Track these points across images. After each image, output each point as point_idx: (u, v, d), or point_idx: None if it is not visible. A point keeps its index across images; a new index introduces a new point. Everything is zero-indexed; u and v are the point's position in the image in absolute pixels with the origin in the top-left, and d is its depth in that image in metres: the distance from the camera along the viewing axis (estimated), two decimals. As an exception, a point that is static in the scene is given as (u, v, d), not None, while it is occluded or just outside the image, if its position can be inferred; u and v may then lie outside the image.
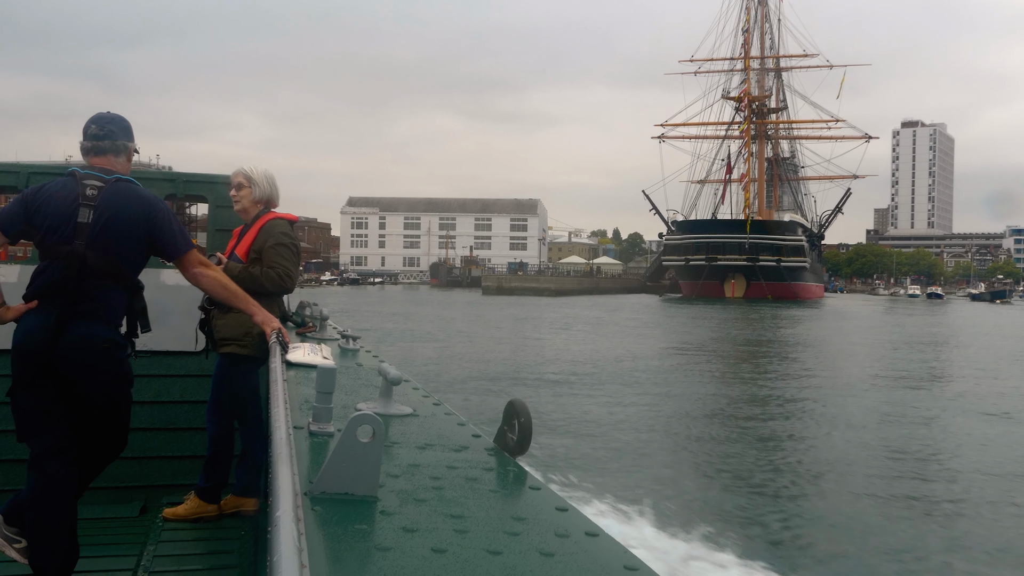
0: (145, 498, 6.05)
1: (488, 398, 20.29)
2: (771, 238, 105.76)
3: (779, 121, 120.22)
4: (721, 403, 22.49)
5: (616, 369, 28.68)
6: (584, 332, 46.37)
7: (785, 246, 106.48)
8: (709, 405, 21.88)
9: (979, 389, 26.61)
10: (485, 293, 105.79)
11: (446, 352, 33.37)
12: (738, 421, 19.56)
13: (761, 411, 21.22)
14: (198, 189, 7.03)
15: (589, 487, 12.17)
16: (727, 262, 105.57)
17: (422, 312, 63.08)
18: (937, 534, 11.75)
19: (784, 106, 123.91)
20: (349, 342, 6.13)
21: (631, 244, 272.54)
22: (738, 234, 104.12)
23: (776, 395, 24.18)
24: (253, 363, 5.12)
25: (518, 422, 2.92)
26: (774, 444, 17.07)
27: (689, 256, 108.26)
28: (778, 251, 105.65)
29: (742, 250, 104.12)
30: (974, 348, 43.34)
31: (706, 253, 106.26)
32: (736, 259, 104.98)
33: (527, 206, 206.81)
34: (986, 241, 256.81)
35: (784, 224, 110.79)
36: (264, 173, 5.44)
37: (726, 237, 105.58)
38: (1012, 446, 17.89)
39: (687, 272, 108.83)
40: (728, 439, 17.32)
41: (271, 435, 2.24)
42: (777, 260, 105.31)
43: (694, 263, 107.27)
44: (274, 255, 5.13)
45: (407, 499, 2.33)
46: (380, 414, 2.94)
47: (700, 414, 20.38)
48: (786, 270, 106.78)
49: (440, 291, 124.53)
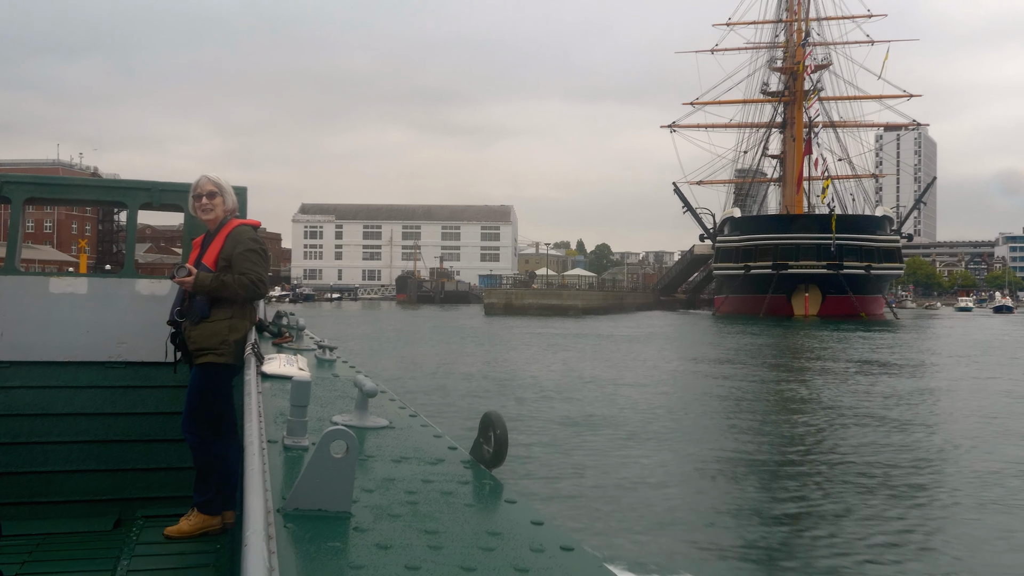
0: (120, 511, 5.83)
1: (468, 408, 18.52)
2: (861, 239, 77.92)
3: (839, 97, 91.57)
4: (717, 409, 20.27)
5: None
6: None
7: (876, 249, 78.99)
8: (697, 414, 19.73)
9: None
10: (488, 313, 77.04)
11: (427, 363, 30.46)
12: (737, 433, 17.13)
13: (758, 419, 18.89)
14: (174, 199, 6.77)
15: (566, 500, 11.52)
16: (801, 270, 77.73)
17: (417, 360, 34.22)
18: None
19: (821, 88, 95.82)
20: (326, 353, 5.31)
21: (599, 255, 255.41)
22: (822, 234, 76.03)
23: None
24: (229, 372, 4.85)
25: (494, 434, 2.74)
26: (775, 457, 14.91)
27: (751, 263, 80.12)
28: (868, 255, 77.96)
29: (823, 254, 76.13)
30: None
31: (773, 259, 78.28)
32: (814, 266, 77.04)
33: (499, 213, 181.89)
34: (975, 249, 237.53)
35: (874, 220, 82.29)
36: (228, 183, 5.21)
37: (805, 238, 77.59)
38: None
39: (747, 284, 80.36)
40: (716, 452, 15.14)
41: (244, 450, 2.21)
42: (866, 267, 77.60)
43: (757, 272, 79.20)
44: (244, 261, 4.87)
45: (381, 515, 2.22)
46: (355, 427, 3.02)
47: (688, 424, 18.33)
48: (874, 280, 79.28)
49: (410, 310, 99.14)
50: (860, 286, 77.29)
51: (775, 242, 78.34)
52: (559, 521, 8.19)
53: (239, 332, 4.81)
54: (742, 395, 23.31)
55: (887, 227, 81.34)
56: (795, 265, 77.05)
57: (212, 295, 4.75)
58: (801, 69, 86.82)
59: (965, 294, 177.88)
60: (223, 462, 4.89)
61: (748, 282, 79.50)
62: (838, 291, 76.15)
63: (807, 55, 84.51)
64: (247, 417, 2.58)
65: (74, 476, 6.11)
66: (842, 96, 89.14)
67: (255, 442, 2.19)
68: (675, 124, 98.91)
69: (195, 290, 4.78)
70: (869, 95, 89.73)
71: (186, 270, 4.80)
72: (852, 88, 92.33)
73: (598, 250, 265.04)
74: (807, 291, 77.41)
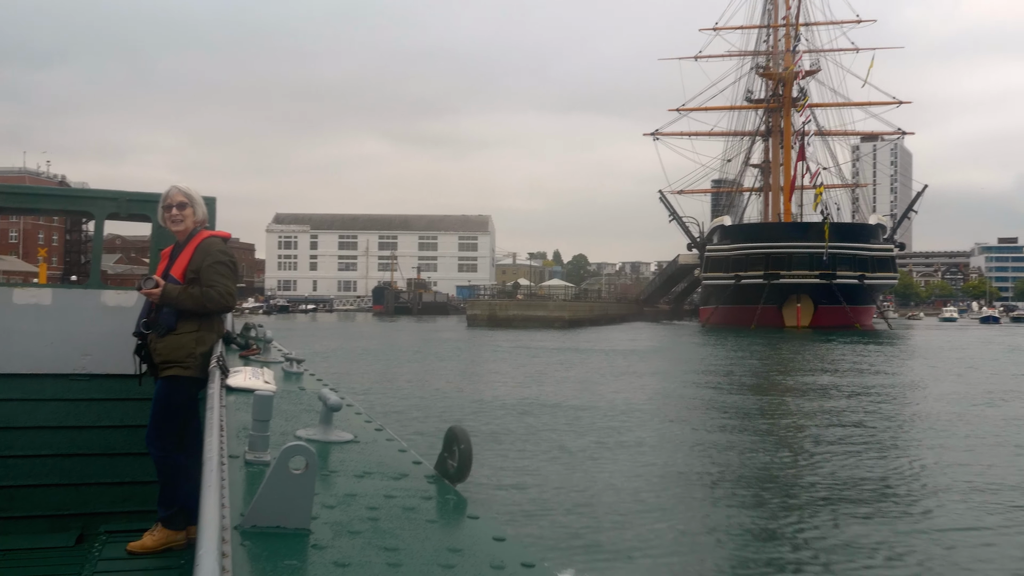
0: (82, 526, 5.81)
1: (439, 422, 17.61)
2: (855, 247, 74.91)
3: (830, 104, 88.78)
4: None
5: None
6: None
7: (870, 259, 76.09)
8: (672, 431, 18.72)
9: None
10: (471, 325, 73.72)
11: (400, 377, 29.56)
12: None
13: (739, 436, 17.83)
14: (141, 208, 6.77)
15: (532, 515, 11.17)
16: (794, 280, 74.86)
17: (390, 374, 31.78)
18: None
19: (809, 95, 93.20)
20: (293, 365, 5.02)
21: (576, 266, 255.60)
22: (815, 242, 72.96)
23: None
24: (195, 385, 4.76)
25: (458, 449, 2.67)
26: (748, 475, 14.19)
27: (741, 272, 77.09)
28: (862, 264, 75.20)
29: (816, 263, 73.26)
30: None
31: (764, 268, 75.26)
32: (806, 276, 74.16)
33: (477, 223, 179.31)
34: (951, 259, 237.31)
35: (868, 229, 79.13)
36: (198, 193, 5.13)
37: (798, 246, 74.52)
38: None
39: (738, 294, 77.05)
40: (688, 470, 14.50)
41: (202, 466, 2.20)
42: (860, 276, 74.84)
43: (748, 281, 76.08)
44: (213, 274, 4.82)
45: (341, 531, 2.16)
46: (319, 441, 2.98)
47: (662, 440, 17.49)
48: (868, 290, 76.52)
49: (387, 322, 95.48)
50: (853, 296, 74.66)
51: (766, 251, 75.40)
52: (523, 537, 8.13)
53: (206, 345, 4.71)
54: (724, 411, 21.83)
55: (880, 236, 78.76)
56: (787, 275, 74.24)
57: (179, 307, 4.70)
58: (791, 75, 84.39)
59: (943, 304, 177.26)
60: (188, 476, 4.52)
61: (738, 292, 76.53)
62: (831, 301, 73.47)
63: (797, 60, 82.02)
64: (207, 431, 2.55)
65: (36, 491, 6.07)
66: (833, 103, 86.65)
67: (214, 457, 2.17)
68: (658, 132, 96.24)
69: (162, 302, 4.71)
70: (859, 102, 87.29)
71: (153, 281, 4.77)
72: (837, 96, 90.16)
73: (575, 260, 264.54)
74: (799, 301, 74.66)
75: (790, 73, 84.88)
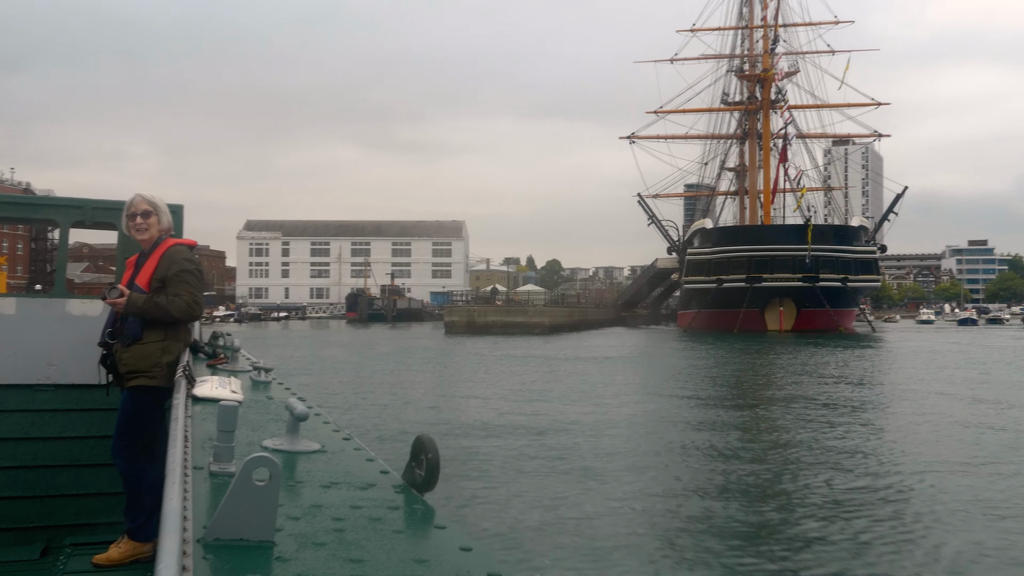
0: (47, 539, 5.65)
1: (410, 431, 16.40)
2: (838, 250, 73.46)
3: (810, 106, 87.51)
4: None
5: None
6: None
7: (853, 261, 74.64)
8: (647, 440, 17.98)
9: None
10: (449, 332, 71.66)
11: (371, 385, 28.65)
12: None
13: (717, 446, 16.96)
14: (107, 217, 6.65)
15: (499, 525, 10.93)
16: (776, 283, 73.39)
17: (361, 382, 30.23)
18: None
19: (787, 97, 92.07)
20: (261, 374, 5.13)
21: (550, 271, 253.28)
22: (797, 244, 71.44)
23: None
24: (162, 395, 4.60)
25: (425, 458, 2.68)
26: (719, 483, 13.72)
27: (723, 276, 75.43)
28: (845, 267, 73.83)
29: (798, 266, 71.89)
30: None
31: (746, 271, 73.81)
32: (789, 279, 72.76)
33: (450, 229, 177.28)
34: (922, 262, 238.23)
35: (851, 231, 77.71)
36: (161, 200, 5.01)
37: (780, 249, 72.95)
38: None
39: (720, 298, 75.38)
40: (661, 480, 14.09)
41: (165, 477, 2.17)
42: (843, 279, 73.41)
43: (730, 285, 74.46)
44: (179, 282, 4.70)
45: (306, 543, 2.13)
46: (286, 451, 2.96)
47: (635, 450, 16.77)
48: (851, 293, 75.23)
49: (361, 329, 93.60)
50: (836, 299, 73.47)
51: (748, 254, 74.02)
52: (490, 547, 7.98)
53: (172, 354, 4.59)
54: (701, 421, 21.01)
55: (862, 238, 77.59)
56: (769, 278, 72.88)
57: (145, 317, 4.58)
58: (770, 76, 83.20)
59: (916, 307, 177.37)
60: (155, 487, 4.28)
61: (720, 296, 75.11)
62: (813, 304, 72.21)
63: (776, 61, 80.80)
64: (171, 442, 2.49)
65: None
66: (812, 104, 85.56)
67: (176, 469, 2.14)
68: (635, 135, 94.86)
69: (127, 311, 4.58)
70: (839, 104, 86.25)
71: (118, 291, 4.66)
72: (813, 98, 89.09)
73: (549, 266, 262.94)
74: (781, 305, 73.30)
75: (769, 75, 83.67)
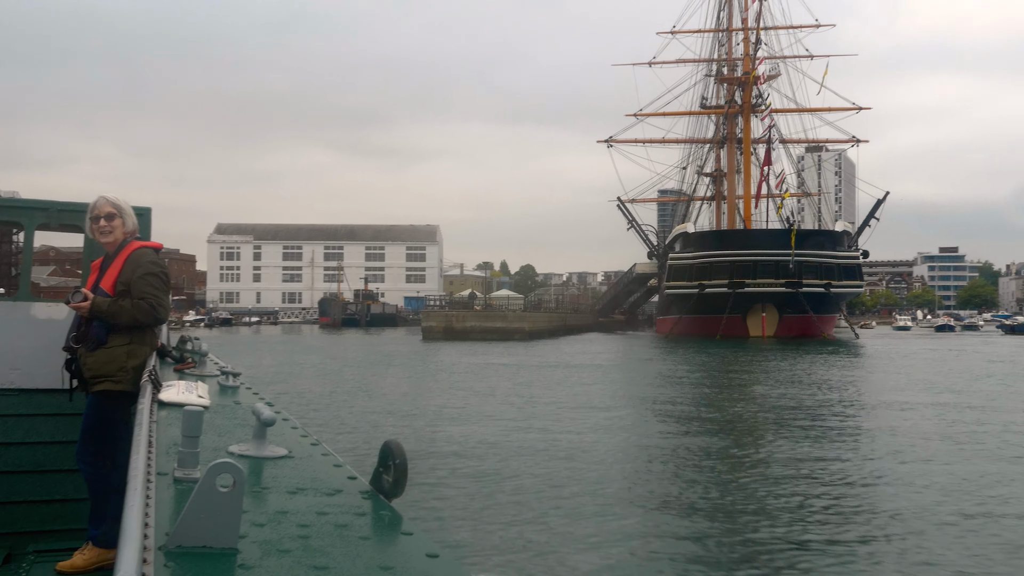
0: (10, 546, 5.61)
1: (380, 436, 15.22)
2: (821, 255, 72.20)
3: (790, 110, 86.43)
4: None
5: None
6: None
7: (837, 266, 73.32)
8: (619, 446, 17.50)
9: None
10: (426, 338, 69.58)
11: (342, 390, 28.02)
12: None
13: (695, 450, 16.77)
14: (73, 219, 6.45)
15: (468, 530, 10.81)
16: (759, 288, 71.92)
17: (331, 387, 28.68)
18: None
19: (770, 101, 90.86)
20: (229, 379, 4.95)
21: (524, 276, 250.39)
22: (781, 249, 70.07)
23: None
24: (127, 399, 4.48)
25: (393, 463, 2.64)
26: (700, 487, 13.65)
27: (705, 281, 73.99)
28: (828, 272, 72.51)
29: (782, 271, 70.60)
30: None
31: (729, 276, 72.48)
32: (772, 284, 71.33)
33: (425, 233, 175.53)
34: (894, 269, 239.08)
35: (834, 236, 76.37)
36: (127, 203, 4.95)
37: (763, 254, 71.48)
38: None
39: (702, 303, 73.74)
40: (631, 484, 13.92)
41: (127, 483, 2.16)
42: (826, 285, 72.04)
43: (713, 290, 72.96)
44: (144, 285, 4.66)
45: (270, 550, 2.10)
46: (252, 456, 2.93)
47: (607, 456, 16.24)
48: (833, 299, 74.05)
49: (334, 334, 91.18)
50: (819, 305, 72.32)
51: (731, 259, 72.64)
52: (457, 553, 8.50)
53: (138, 358, 4.56)
54: (678, 425, 20.48)
55: (846, 243, 76.50)
56: (752, 283, 71.54)
57: (109, 320, 4.53)
58: (752, 79, 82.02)
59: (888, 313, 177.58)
60: (119, 493, 3.97)
61: (702, 302, 73.68)
62: (796, 310, 71.01)
63: (758, 64, 79.62)
64: (134, 448, 2.47)
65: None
66: (794, 108, 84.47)
67: (139, 475, 2.13)
68: (612, 139, 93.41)
69: (92, 315, 4.54)
70: (820, 108, 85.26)
71: (82, 295, 4.62)
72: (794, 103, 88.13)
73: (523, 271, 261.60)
74: (764, 310, 72.00)
75: (751, 78, 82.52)
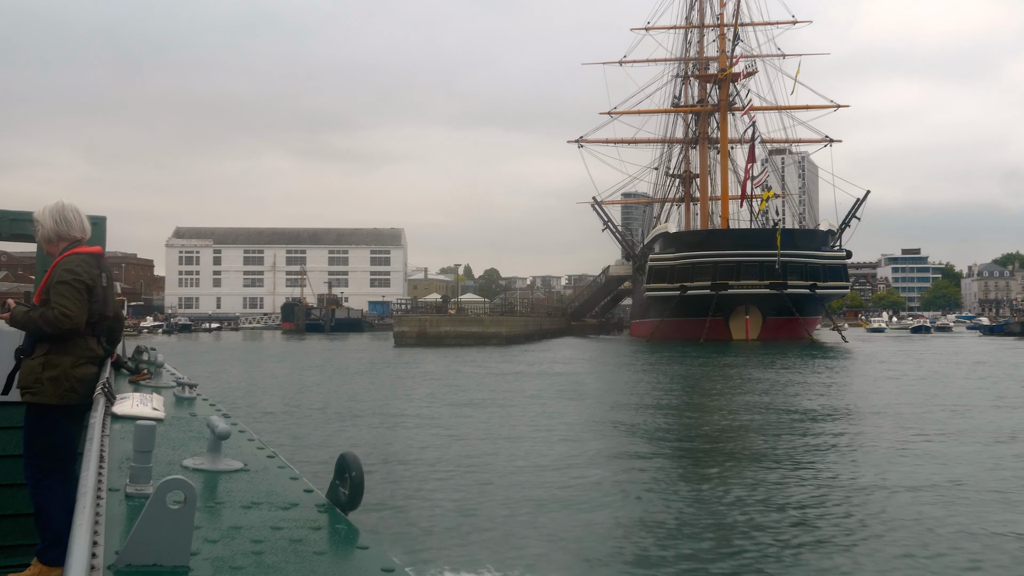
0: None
1: (339, 447, 15.11)
2: (806, 255, 69.57)
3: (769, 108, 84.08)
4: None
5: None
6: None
7: (822, 267, 70.66)
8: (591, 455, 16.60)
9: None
10: (399, 344, 65.83)
11: (298, 399, 27.16)
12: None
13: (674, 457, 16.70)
14: (24, 228, 6.25)
15: (426, 543, 10.48)
16: (743, 290, 69.19)
17: (293, 397, 25.65)
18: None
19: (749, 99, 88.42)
20: (185, 390, 4.89)
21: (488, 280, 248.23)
22: (765, 250, 67.34)
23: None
24: (57, 411, 4.38)
25: (349, 476, 2.62)
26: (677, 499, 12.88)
27: (687, 283, 70.98)
28: (813, 273, 69.90)
29: (767, 272, 67.95)
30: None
31: (712, 278, 69.48)
32: (756, 286, 68.66)
33: (389, 237, 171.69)
34: (858, 271, 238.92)
35: (820, 235, 73.50)
36: (52, 210, 4.68)
37: (747, 255, 68.72)
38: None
39: (684, 306, 70.54)
40: (599, 495, 13.24)
41: (76, 499, 2.10)
42: (811, 286, 69.49)
43: (695, 293, 69.93)
44: (55, 294, 4.43)
45: (222, 567, 2.08)
46: (206, 470, 2.90)
47: (574, 465, 15.56)
48: (818, 300, 71.54)
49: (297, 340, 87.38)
50: (803, 307, 69.80)
51: (714, 260, 69.81)
52: (414, 567, 8.58)
53: (56, 369, 4.34)
54: (653, 431, 19.75)
55: (830, 242, 74.00)
56: (736, 285, 68.77)
57: (25, 331, 4.43)
58: (728, 77, 79.46)
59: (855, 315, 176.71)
60: (66, 508, 4.04)
61: (685, 304, 70.75)
62: (780, 312, 68.41)
63: (736, 61, 77.04)
64: (85, 463, 2.40)
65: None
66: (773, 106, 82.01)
67: (88, 491, 2.07)
68: (583, 139, 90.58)
69: (11, 325, 4.45)
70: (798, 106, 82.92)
71: (6, 306, 4.56)
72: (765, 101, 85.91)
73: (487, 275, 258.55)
74: (747, 313, 69.30)
75: (727, 74, 79.96)
